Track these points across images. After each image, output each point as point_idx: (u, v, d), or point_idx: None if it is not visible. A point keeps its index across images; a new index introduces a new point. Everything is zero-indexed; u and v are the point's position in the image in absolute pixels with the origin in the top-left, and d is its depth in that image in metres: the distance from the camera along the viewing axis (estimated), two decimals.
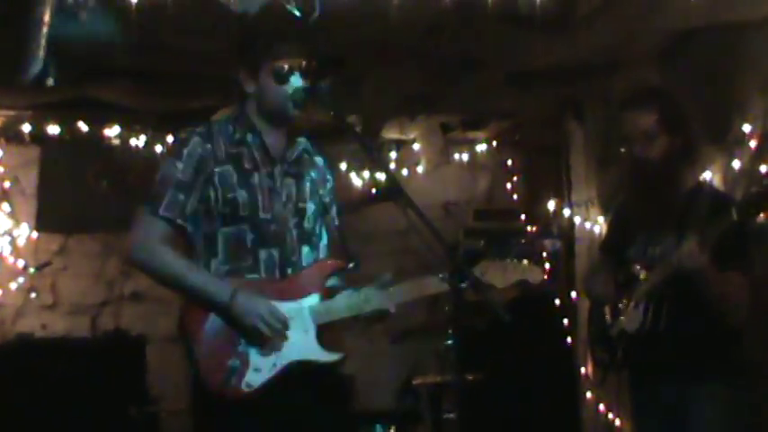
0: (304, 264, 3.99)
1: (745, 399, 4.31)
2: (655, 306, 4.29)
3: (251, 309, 3.79)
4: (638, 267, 4.41)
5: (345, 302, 3.96)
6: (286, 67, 3.94)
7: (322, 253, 4.10)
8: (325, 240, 4.14)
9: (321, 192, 4.14)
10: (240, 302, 3.78)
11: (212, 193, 3.90)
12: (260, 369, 3.81)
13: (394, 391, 8.23)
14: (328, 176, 4.24)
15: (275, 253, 3.93)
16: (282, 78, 3.94)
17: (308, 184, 4.09)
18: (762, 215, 4.10)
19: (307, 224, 4.03)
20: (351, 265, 4.05)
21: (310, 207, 4.06)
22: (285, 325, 3.84)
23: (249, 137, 4.00)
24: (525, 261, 4.15)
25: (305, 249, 4.01)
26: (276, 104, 3.98)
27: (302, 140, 4.15)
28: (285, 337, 3.84)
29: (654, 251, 4.40)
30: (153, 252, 3.86)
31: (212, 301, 3.80)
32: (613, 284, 4.57)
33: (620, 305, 4.49)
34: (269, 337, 3.81)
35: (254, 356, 3.81)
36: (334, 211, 4.21)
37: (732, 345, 4.32)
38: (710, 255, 4.02)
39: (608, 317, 4.57)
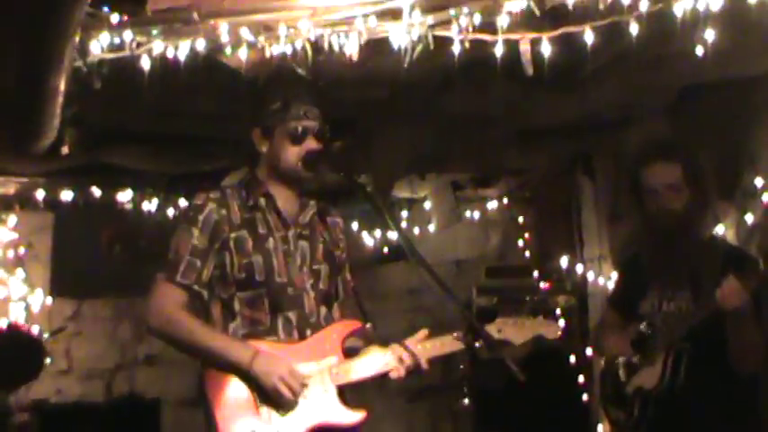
0: (323, 324, 3.99)
1: None
2: (673, 362, 4.25)
3: (271, 370, 3.79)
4: (654, 323, 4.37)
5: (365, 362, 3.95)
6: (300, 128, 3.98)
7: (339, 313, 4.11)
8: (340, 300, 4.15)
9: (335, 252, 4.16)
10: (261, 363, 3.78)
11: (228, 259, 3.92)
12: None
13: None
14: (341, 236, 4.26)
15: (292, 316, 3.94)
16: (297, 140, 3.97)
17: (321, 246, 4.11)
18: None
19: (323, 285, 4.04)
20: (367, 324, 4.06)
21: (325, 268, 4.08)
22: (305, 386, 3.84)
23: (262, 201, 4.02)
24: (541, 317, 4.15)
25: (323, 310, 4.02)
26: (289, 166, 4.01)
27: (314, 203, 4.17)
28: (305, 398, 3.83)
29: (668, 306, 4.38)
30: (171, 319, 3.87)
31: (233, 363, 3.80)
32: (626, 340, 4.53)
33: (634, 361, 4.45)
34: (289, 398, 3.80)
35: (277, 420, 3.80)
36: (347, 270, 4.22)
37: (749, 399, 4.29)
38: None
39: (622, 374, 4.52)
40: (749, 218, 5.62)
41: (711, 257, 4.30)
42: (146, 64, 4.93)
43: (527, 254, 9.06)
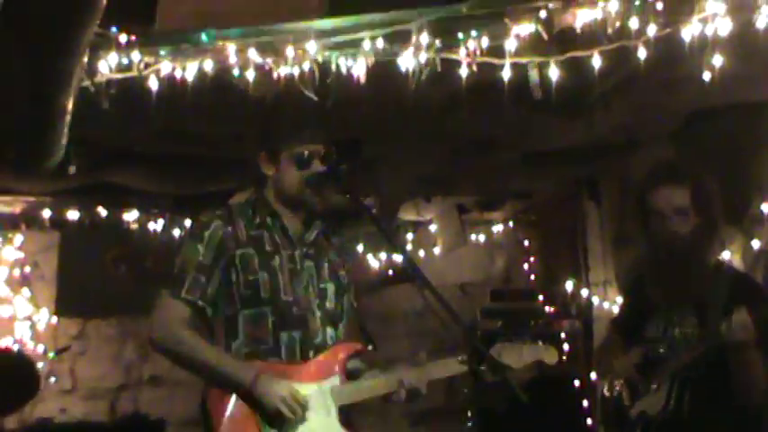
0: (328, 344, 3.99)
1: None
2: (679, 388, 4.22)
3: (272, 391, 3.78)
4: (660, 348, 4.35)
5: (367, 384, 3.96)
6: (306, 153, 3.98)
7: (344, 334, 4.11)
8: (345, 320, 4.15)
9: (340, 273, 4.16)
10: (262, 384, 3.78)
11: (233, 276, 3.92)
12: None
13: None
14: (345, 257, 4.26)
15: (296, 335, 3.93)
16: (303, 164, 3.98)
17: (326, 265, 4.11)
18: None
19: (329, 305, 4.04)
20: (369, 347, 4.05)
21: (331, 287, 4.08)
22: (306, 407, 3.83)
23: (269, 220, 4.03)
24: (540, 342, 4.15)
25: (329, 330, 4.02)
26: (294, 189, 4.01)
27: (319, 223, 4.18)
28: (307, 420, 3.83)
29: (674, 332, 4.35)
30: (174, 335, 3.86)
31: (234, 383, 3.80)
32: (629, 363, 4.49)
33: (639, 386, 4.41)
34: (291, 418, 3.80)
35: None
36: (351, 292, 4.22)
37: (753, 429, 4.25)
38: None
39: (625, 397, 4.48)
40: (755, 243, 5.61)
41: (719, 283, 4.27)
42: (153, 84, 4.95)
43: (532, 277, 9.07)
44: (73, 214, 7.90)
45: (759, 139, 5.71)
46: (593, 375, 7.72)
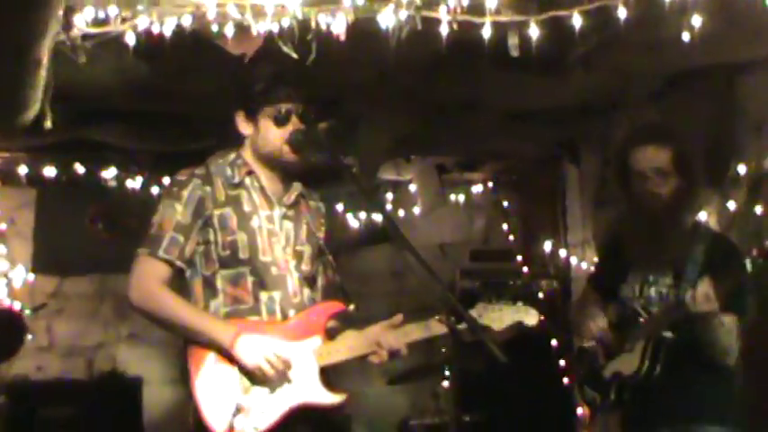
0: (306, 305, 3.99)
1: None
2: (653, 350, 4.25)
3: (254, 349, 3.79)
4: (638, 308, 4.37)
5: (347, 344, 3.96)
6: (284, 110, 3.96)
7: (320, 295, 4.10)
8: (321, 282, 4.14)
9: (318, 235, 4.15)
10: (243, 343, 3.78)
11: (211, 236, 3.91)
12: (264, 411, 3.81)
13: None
14: (323, 220, 4.25)
15: (276, 296, 3.94)
16: (281, 122, 3.96)
17: (304, 227, 4.10)
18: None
19: (305, 266, 4.04)
20: (350, 306, 4.06)
21: (308, 250, 4.08)
22: (288, 365, 3.83)
23: (248, 180, 4.00)
24: (520, 303, 4.15)
25: (306, 291, 4.02)
26: (273, 148, 3.99)
27: (298, 184, 4.16)
28: (288, 378, 3.83)
29: (649, 291, 4.39)
30: (152, 294, 3.85)
31: (215, 341, 3.79)
32: (604, 321, 4.52)
33: (613, 345, 4.44)
34: (272, 376, 3.79)
35: (258, 398, 3.81)
36: (328, 254, 4.21)
37: (727, 388, 4.31)
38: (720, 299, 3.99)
39: (600, 356, 4.52)
40: (731, 205, 5.62)
41: (696, 245, 4.30)
42: (131, 39, 4.89)
43: (511, 238, 9.08)
44: (50, 171, 7.85)
45: (739, 100, 5.72)
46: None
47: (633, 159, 4.40)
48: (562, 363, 7.89)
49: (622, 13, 4.68)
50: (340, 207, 8.74)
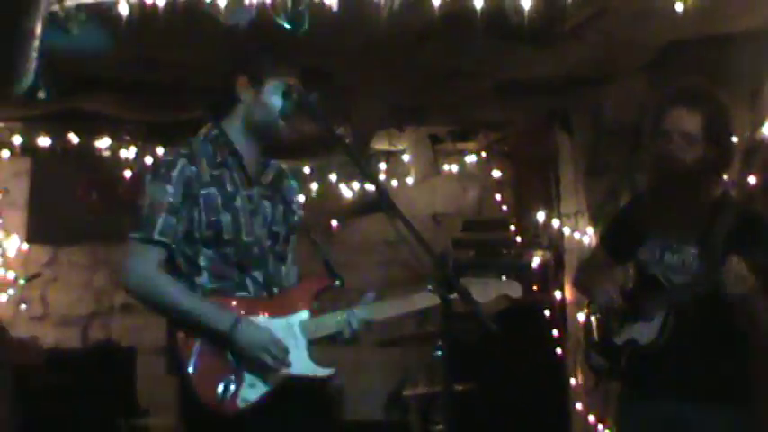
0: (284, 284, 4.02)
1: (747, 424, 4.14)
2: (676, 321, 4.11)
3: (254, 341, 3.78)
4: (659, 274, 4.21)
5: (334, 317, 3.98)
6: (291, 84, 3.96)
7: (292, 274, 4.11)
8: (289, 260, 4.14)
9: (292, 218, 4.15)
10: (242, 332, 3.77)
11: (196, 216, 3.88)
12: (255, 385, 3.80)
13: (383, 402, 8.25)
14: (296, 199, 4.25)
15: (259, 275, 3.94)
16: (286, 95, 3.95)
17: (281, 207, 4.09)
18: None
19: (278, 248, 4.04)
20: (337, 282, 4.07)
21: (283, 230, 4.07)
22: (287, 353, 3.85)
23: (230, 159, 3.99)
24: (503, 276, 4.16)
25: (282, 270, 4.03)
26: (271, 117, 3.98)
27: (275, 163, 4.16)
28: (288, 365, 3.86)
29: (671, 258, 4.22)
30: (150, 280, 3.82)
31: (213, 329, 3.78)
32: (615, 286, 4.39)
33: (628, 310, 4.30)
34: (274, 367, 3.82)
35: (248, 372, 3.80)
36: (296, 237, 4.19)
37: (741, 360, 4.16)
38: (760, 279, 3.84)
39: (612, 322, 4.38)
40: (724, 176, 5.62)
41: (722, 215, 4.11)
42: (124, 9, 4.89)
43: (504, 208, 9.09)
44: (44, 141, 7.86)
45: (728, 71, 5.71)
46: (568, 297, 7.79)
47: (663, 120, 4.20)
48: (555, 333, 7.92)
49: None
50: (333, 177, 8.75)
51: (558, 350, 7.86)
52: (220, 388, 3.73)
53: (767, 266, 3.86)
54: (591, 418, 7.11)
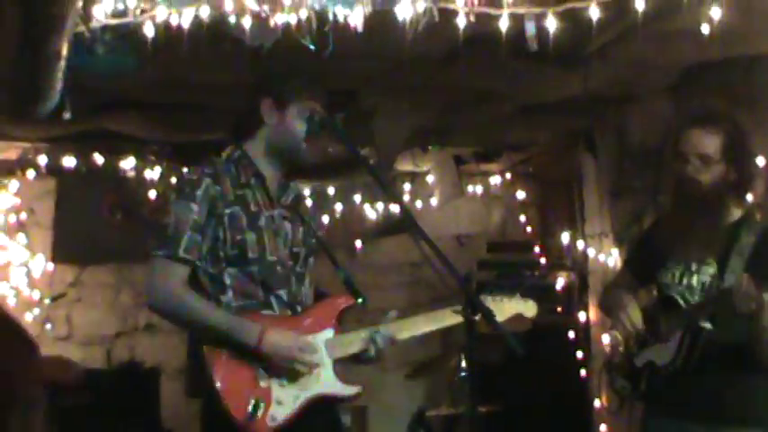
0: (307, 304, 4.05)
1: None
2: (691, 341, 4.08)
3: (282, 348, 3.81)
4: (677, 296, 4.18)
5: (359, 336, 3.99)
6: (316, 108, 3.97)
7: (310, 295, 4.12)
8: (308, 282, 4.14)
9: (311, 239, 4.16)
10: (270, 342, 3.79)
11: (221, 234, 3.89)
12: (282, 402, 3.82)
13: (407, 422, 8.22)
14: (314, 221, 4.27)
15: (283, 294, 3.95)
16: (310, 119, 3.97)
17: (300, 229, 4.12)
18: None
19: (299, 268, 4.06)
20: (359, 300, 4.07)
21: (302, 252, 4.09)
22: (316, 355, 3.86)
23: (253, 180, 4.01)
24: (518, 295, 4.16)
25: (303, 291, 4.05)
26: (294, 142, 4.00)
27: (295, 185, 4.19)
28: (318, 366, 3.88)
29: (691, 280, 4.20)
30: (175, 297, 3.83)
31: (240, 342, 3.79)
32: (637, 311, 4.34)
33: (646, 333, 4.28)
34: (305, 372, 3.84)
35: (277, 389, 3.82)
36: (313, 258, 4.21)
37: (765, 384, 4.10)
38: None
39: (632, 344, 4.35)
40: (748, 197, 5.59)
41: (743, 236, 4.10)
42: (149, 31, 4.92)
43: (528, 229, 9.08)
44: (69, 161, 7.89)
45: (757, 93, 5.69)
46: (592, 319, 7.76)
47: (680, 141, 4.20)
48: (579, 354, 7.89)
49: (640, 4, 4.68)
50: (357, 198, 8.76)
51: (583, 372, 7.83)
52: (251, 406, 3.72)
53: None
54: None
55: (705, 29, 4.79)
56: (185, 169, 7.71)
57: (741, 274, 3.87)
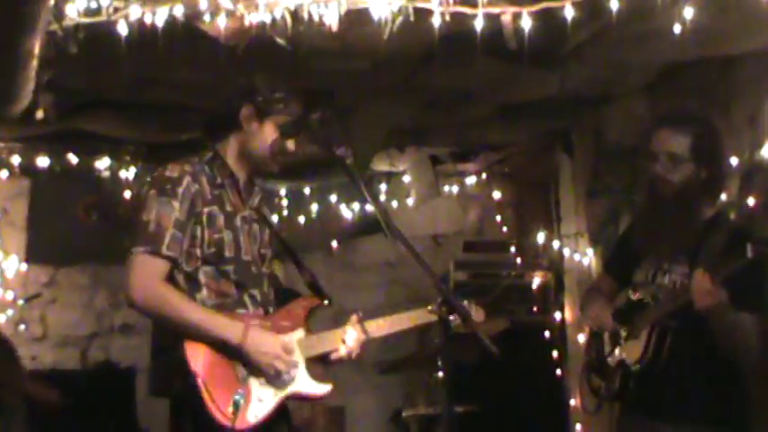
0: (274, 304, 4.10)
1: None
2: (657, 339, 4.12)
3: (264, 348, 3.85)
4: (642, 295, 4.25)
5: (331, 335, 4.06)
6: (293, 125, 4.00)
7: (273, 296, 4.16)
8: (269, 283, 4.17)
9: (272, 240, 4.19)
10: (252, 342, 3.82)
11: (198, 233, 3.90)
12: (262, 399, 3.86)
13: (383, 422, 8.23)
14: (274, 228, 4.28)
15: (256, 293, 4.01)
16: (288, 134, 3.99)
17: (267, 231, 4.16)
18: None
19: (265, 269, 4.11)
20: (326, 301, 4.10)
21: (269, 253, 4.15)
22: (294, 354, 3.92)
23: (227, 181, 4.02)
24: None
25: (271, 291, 4.11)
26: (265, 154, 4.02)
27: (258, 189, 4.23)
28: (297, 367, 3.94)
29: (662, 279, 4.25)
30: (157, 293, 3.83)
31: (222, 339, 3.81)
32: (606, 309, 4.43)
33: (620, 332, 4.32)
34: (286, 373, 3.89)
35: (256, 387, 3.85)
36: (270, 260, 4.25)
37: (734, 387, 4.15)
38: (727, 292, 3.83)
39: (606, 344, 4.41)
40: (723, 196, 5.61)
41: (714, 236, 4.11)
42: (123, 30, 4.89)
43: (504, 229, 9.07)
44: (43, 161, 7.84)
45: (728, 92, 5.71)
46: (568, 318, 7.77)
47: (652, 141, 4.26)
48: (555, 354, 7.89)
49: (614, 4, 4.69)
50: (333, 198, 8.75)
51: (558, 371, 7.84)
52: (233, 402, 3.70)
53: (735, 282, 3.84)
54: None
55: (678, 29, 4.80)
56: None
57: (698, 271, 3.89)
